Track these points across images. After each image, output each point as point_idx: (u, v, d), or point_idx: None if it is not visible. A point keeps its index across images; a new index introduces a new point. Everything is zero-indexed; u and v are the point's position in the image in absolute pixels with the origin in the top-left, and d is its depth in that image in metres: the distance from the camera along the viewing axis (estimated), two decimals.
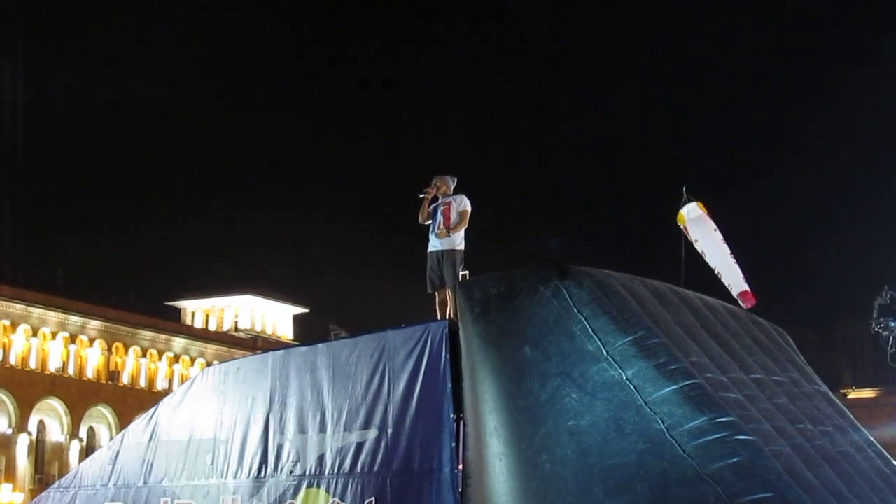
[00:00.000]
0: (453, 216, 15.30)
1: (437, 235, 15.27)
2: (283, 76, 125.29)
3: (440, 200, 15.43)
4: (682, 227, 16.74)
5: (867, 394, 79.69)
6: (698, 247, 16.58)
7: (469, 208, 15.38)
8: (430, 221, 15.49)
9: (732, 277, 16.22)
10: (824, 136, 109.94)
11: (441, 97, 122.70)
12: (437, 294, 15.13)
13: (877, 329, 18.29)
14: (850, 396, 76.01)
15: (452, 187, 15.61)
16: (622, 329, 11.82)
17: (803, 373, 14.08)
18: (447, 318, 14.12)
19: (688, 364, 11.72)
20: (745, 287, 16.07)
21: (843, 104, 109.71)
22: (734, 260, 16.43)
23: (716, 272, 16.29)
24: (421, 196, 15.44)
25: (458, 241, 15.31)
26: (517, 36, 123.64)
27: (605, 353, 11.69)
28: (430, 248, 15.32)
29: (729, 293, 16.00)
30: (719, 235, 16.58)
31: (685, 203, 16.66)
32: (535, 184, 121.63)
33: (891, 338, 18.16)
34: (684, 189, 16.66)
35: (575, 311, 11.98)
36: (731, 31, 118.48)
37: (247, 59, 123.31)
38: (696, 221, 16.55)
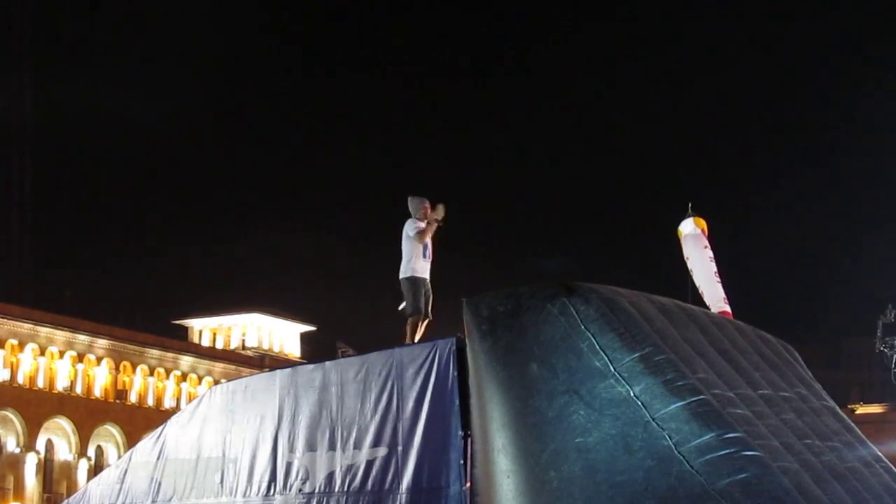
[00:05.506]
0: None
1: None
2: (292, 98, 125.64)
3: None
4: (680, 240, 16.93)
5: (875, 409, 79.37)
6: (689, 263, 16.77)
7: (408, 232, 15.46)
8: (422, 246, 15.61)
9: (712, 297, 16.40)
10: (833, 154, 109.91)
11: (442, 116, 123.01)
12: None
13: (881, 348, 18.21)
14: (858, 412, 75.78)
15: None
16: (629, 346, 11.85)
17: (811, 388, 14.08)
18: (455, 335, 14.17)
19: (695, 380, 11.74)
20: (725, 307, 16.21)
21: (851, 122, 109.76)
22: (718, 279, 16.58)
23: (699, 290, 16.46)
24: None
25: (403, 268, 15.46)
26: (514, 51, 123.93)
27: (612, 369, 11.72)
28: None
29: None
30: (709, 253, 16.75)
31: (687, 218, 16.84)
32: (538, 200, 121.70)
33: (895, 357, 18.09)
34: (689, 205, 16.80)
35: (582, 327, 12.01)
36: (740, 47, 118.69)
37: (256, 82, 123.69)
38: (690, 238, 16.74)
